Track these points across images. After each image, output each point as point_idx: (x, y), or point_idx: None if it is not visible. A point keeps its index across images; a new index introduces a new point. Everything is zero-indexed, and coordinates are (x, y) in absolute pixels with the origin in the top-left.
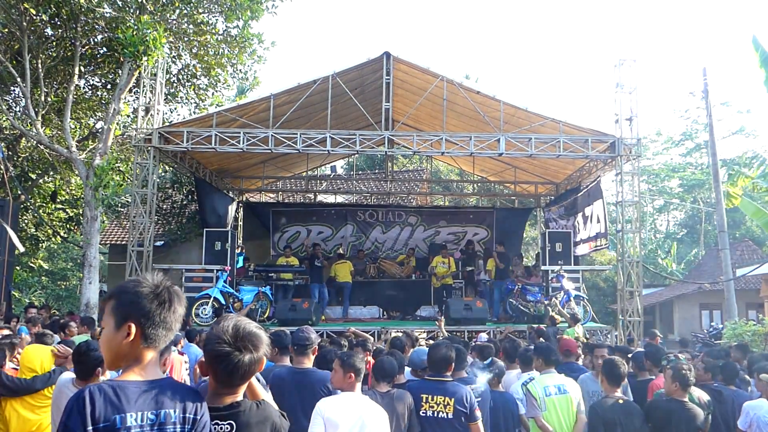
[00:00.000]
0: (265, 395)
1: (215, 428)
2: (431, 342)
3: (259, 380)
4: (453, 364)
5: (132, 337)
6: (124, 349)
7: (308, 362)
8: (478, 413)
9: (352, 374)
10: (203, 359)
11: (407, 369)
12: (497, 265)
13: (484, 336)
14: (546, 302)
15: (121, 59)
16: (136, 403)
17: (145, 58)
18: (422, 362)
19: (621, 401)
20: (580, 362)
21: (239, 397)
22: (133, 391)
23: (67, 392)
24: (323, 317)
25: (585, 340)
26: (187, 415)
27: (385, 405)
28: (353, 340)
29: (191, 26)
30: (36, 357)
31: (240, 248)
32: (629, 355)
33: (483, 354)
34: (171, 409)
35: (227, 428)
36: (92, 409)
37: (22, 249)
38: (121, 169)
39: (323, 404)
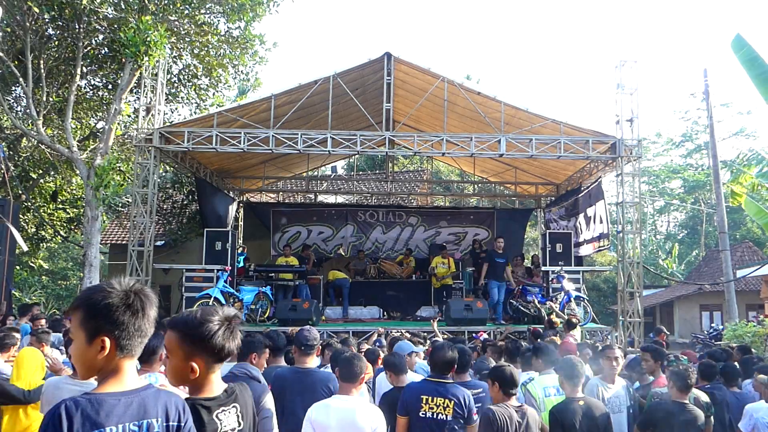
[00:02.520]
0: None
1: (226, 415)
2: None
3: (260, 381)
4: (456, 366)
5: (107, 351)
6: (100, 362)
7: (311, 362)
8: (475, 416)
9: (344, 381)
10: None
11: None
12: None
13: (484, 336)
14: (546, 303)
15: (123, 59)
16: (116, 415)
17: (146, 58)
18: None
19: (582, 402)
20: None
21: (222, 382)
22: (112, 403)
23: (68, 387)
24: (323, 317)
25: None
26: (171, 423)
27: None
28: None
29: (193, 27)
30: (30, 364)
31: (242, 248)
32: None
33: (498, 354)
34: (153, 418)
35: (233, 410)
36: (69, 426)
37: (25, 248)
38: (121, 169)
39: (312, 409)
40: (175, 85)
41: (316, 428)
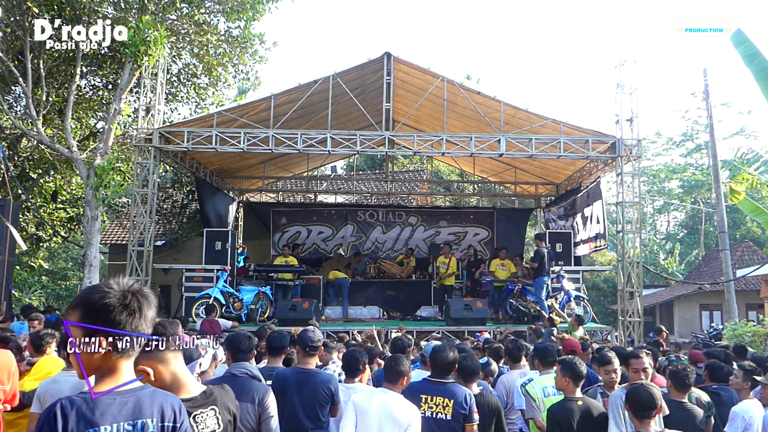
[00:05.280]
0: None
1: (203, 417)
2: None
3: (261, 380)
4: (457, 366)
5: (104, 351)
6: (96, 362)
7: (313, 363)
8: (476, 415)
9: (386, 381)
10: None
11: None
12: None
13: (486, 336)
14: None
15: (123, 59)
16: (111, 414)
17: (145, 58)
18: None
19: (580, 402)
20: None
21: (198, 384)
22: (107, 402)
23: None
24: (323, 317)
25: (586, 339)
26: (166, 423)
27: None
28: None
29: (192, 26)
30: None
31: (242, 248)
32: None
33: (498, 356)
34: (149, 418)
35: (211, 413)
36: (64, 424)
37: (24, 247)
38: (121, 168)
39: (356, 394)
40: (175, 84)
41: (358, 411)
